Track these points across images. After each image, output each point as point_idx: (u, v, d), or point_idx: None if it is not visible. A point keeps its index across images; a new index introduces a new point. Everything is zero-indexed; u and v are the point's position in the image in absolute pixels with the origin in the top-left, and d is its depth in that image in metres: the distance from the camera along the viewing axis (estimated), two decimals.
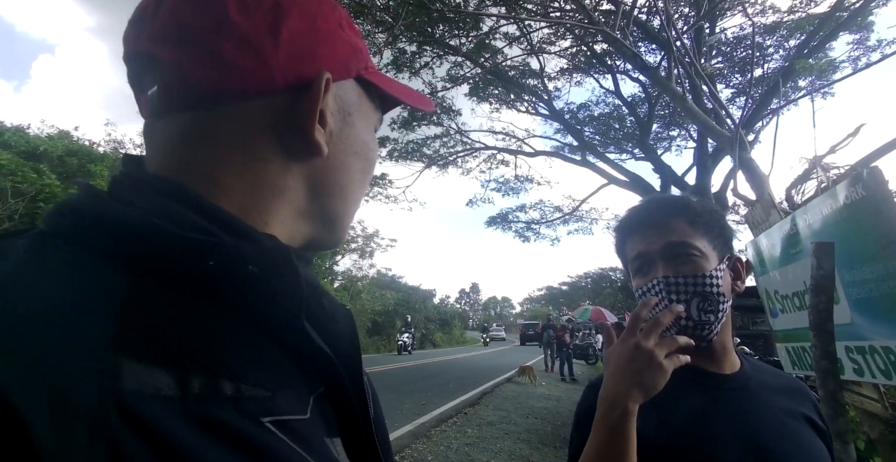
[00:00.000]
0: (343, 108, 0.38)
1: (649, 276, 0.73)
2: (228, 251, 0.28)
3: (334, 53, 0.36)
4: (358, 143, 0.40)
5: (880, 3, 6.65)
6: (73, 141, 13.95)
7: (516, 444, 5.09)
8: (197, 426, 0.23)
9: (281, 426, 0.27)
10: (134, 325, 0.24)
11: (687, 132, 10.81)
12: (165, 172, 0.33)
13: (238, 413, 0.25)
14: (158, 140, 0.34)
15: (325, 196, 0.38)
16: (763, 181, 3.02)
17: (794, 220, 2.15)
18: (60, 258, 0.26)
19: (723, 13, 8.02)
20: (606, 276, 36.45)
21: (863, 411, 2.14)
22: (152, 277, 0.27)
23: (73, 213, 0.29)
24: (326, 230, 0.40)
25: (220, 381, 0.25)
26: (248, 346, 0.29)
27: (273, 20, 0.33)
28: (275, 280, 0.29)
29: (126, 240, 0.27)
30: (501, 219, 13.72)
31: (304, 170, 0.36)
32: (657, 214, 0.76)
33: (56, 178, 10.94)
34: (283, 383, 0.29)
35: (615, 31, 4.30)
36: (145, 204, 0.29)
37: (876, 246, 1.58)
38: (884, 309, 1.63)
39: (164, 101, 0.33)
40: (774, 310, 2.49)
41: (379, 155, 0.69)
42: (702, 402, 0.68)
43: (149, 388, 0.23)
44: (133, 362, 0.23)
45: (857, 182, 1.62)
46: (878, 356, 1.73)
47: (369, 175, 0.42)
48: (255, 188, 0.34)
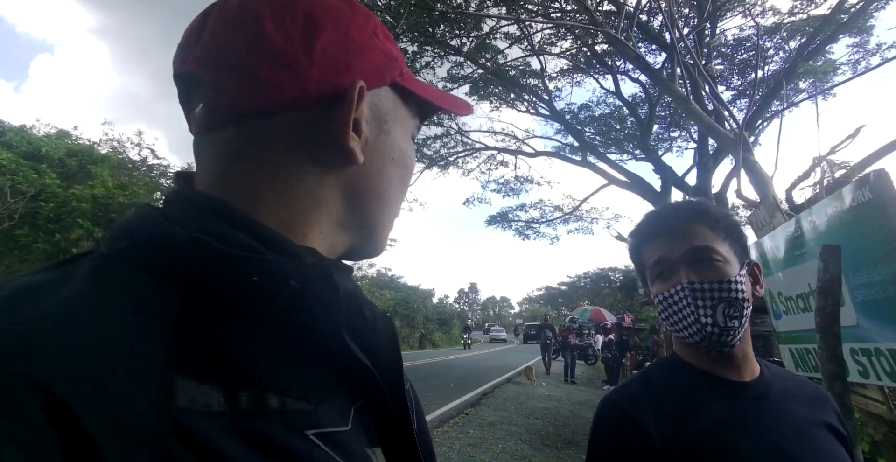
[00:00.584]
0: (378, 116, 0.38)
1: (671, 281, 0.72)
2: (270, 267, 0.29)
3: (369, 62, 0.37)
4: (395, 150, 0.39)
5: (879, 7, 6.67)
6: (75, 141, 13.91)
7: (518, 444, 5.10)
8: (245, 441, 0.24)
9: (324, 438, 0.28)
10: (185, 343, 0.25)
11: (688, 133, 10.83)
12: (211, 189, 0.34)
13: (283, 426, 0.26)
14: (204, 157, 0.36)
15: (362, 205, 0.38)
16: (767, 183, 3.02)
17: (798, 221, 2.15)
18: (119, 279, 0.28)
19: (723, 15, 8.03)
20: (605, 276, 36.49)
21: (867, 413, 2.15)
22: (201, 295, 0.28)
23: (128, 235, 0.30)
24: (366, 239, 0.40)
25: (266, 395, 0.26)
26: (291, 361, 0.30)
27: (307, 34, 0.34)
28: (315, 294, 0.30)
29: (176, 259, 0.28)
30: (501, 218, 13.74)
31: (341, 179, 0.36)
32: (678, 219, 0.74)
33: (56, 178, 10.92)
34: (325, 396, 0.30)
35: (617, 32, 4.30)
36: (193, 222, 0.30)
37: (882, 248, 1.58)
38: (890, 311, 1.64)
39: (206, 118, 0.35)
40: (778, 311, 2.49)
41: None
42: (723, 411, 0.67)
43: (200, 405, 0.24)
44: (185, 380, 0.24)
45: (864, 185, 1.62)
46: (883, 358, 1.73)
47: (407, 182, 0.42)
48: (294, 200, 0.35)
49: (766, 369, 0.75)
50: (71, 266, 0.28)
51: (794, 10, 8.00)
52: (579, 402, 8.15)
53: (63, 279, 0.26)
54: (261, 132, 0.34)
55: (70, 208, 10.12)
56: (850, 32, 7.52)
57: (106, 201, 10.22)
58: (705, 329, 0.68)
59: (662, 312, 0.74)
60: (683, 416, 0.67)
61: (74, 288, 0.26)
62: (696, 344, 0.71)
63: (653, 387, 0.73)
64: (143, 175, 14.75)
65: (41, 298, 0.24)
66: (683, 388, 0.71)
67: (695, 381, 0.72)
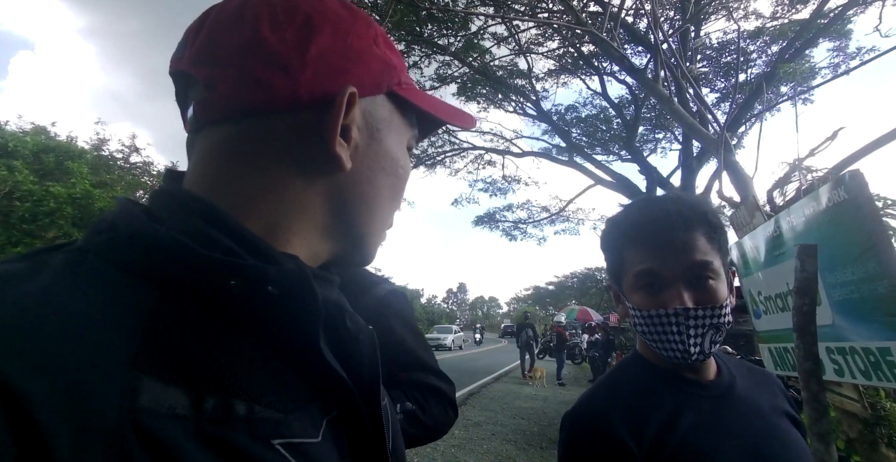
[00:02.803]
0: (371, 124, 0.37)
1: (660, 298, 0.66)
2: (249, 272, 0.29)
3: (365, 69, 0.36)
4: (386, 158, 0.38)
5: (857, 12, 6.83)
6: (50, 137, 13.50)
7: (503, 445, 5.09)
8: (207, 446, 0.24)
9: (291, 449, 0.27)
10: (155, 344, 0.25)
11: (672, 135, 10.96)
12: (197, 188, 0.34)
13: (249, 435, 0.26)
14: (195, 156, 0.35)
15: (349, 212, 0.37)
16: (748, 183, 3.06)
17: (777, 222, 2.17)
18: (93, 274, 0.27)
19: (707, 17, 8.14)
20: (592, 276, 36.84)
21: (842, 411, 2.17)
22: (177, 296, 0.28)
23: (108, 230, 0.30)
24: (354, 248, 0.39)
25: (233, 401, 0.26)
26: (263, 367, 0.29)
27: (303, 37, 0.34)
28: (293, 302, 0.30)
29: (155, 257, 0.28)
30: (489, 218, 13.76)
31: (327, 185, 0.35)
32: (677, 228, 0.65)
33: (30, 175, 10.57)
34: (296, 405, 0.29)
35: (602, 33, 4.32)
36: (174, 221, 0.30)
37: (857, 248, 1.60)
38: (864, 310, 1.65)
39: (198, 116, 0.34)
40: (758, 311, 2.52)
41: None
42: (697, 412, 0.66)
43: (164, 407, 0.23)
44: (151, 381, 0.23)
45: (840, 185, 1.64)
46: (858, 357, 1.75)
47: (399, 192, 0.40)
48: (279, 204, 0.34)
49: (722, 363, 0.74)
50: (44, 256, 0.28)
51: (775, 14, 8.15)
52: (565, 402, 8.18)
53: (35, 270, 0.26)
54: (250, 133, 0.34)
55: (47, 208, 9.79)
56: (830, 37, 7.69)
57: (86, 201, 9.88)
58: (691, 357, 0.65)
59: (643, 327, 0.68)
60: (660, 421, 0.64)
61: (45, 279, 0.25)
62: (671, 363, 0.68)
63: (622, 393, 0.70)
64: (125, 173, 14.41)
65: (9, 288, 0.24)
66: (655, 392, 0.68)
67: (664, 383, 0.70)
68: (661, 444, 0.62)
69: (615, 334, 11.82)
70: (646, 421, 0.64)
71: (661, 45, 3.95)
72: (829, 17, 6.21)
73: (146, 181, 14.41)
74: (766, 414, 0.68)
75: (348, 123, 0.35)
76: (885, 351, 1.60)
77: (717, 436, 0.63)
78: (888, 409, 2.07)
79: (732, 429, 0.64)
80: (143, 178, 14.61)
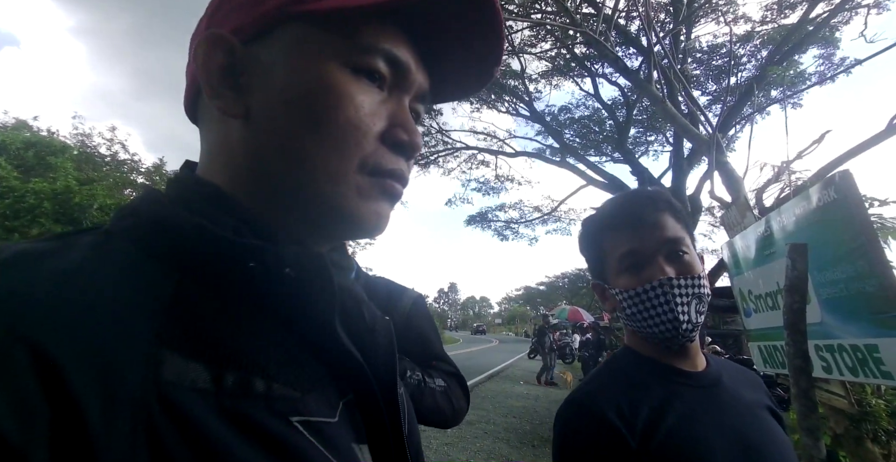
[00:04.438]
0: (261, 58, 0.32)
1: (644, 274, 0.70)
2: (267, 254, 0.29)
3: (227, 9, 0.35)
4: (289, 89, 0.31)
5: (844, 20, 6.96)
6: (33, 132, 13.22)
7: (495, 443, 5.11)
8: (228, 420, 0.24)
9: (308, 426, 0.28)
10: (177, 321, 0.26)
11: (663, 137, 11.08)
12: (203, 173, 0.35)
13: (268, 411, 0.26)
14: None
15: (273, 165, 0.32)
16: (739, 184, 3.10)
17: (768, 221, 2.20)
18: (120, 256, 0.28)
19: (698, 20, 8.24)
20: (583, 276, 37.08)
21: (829, 407, 2.21)
22: (198, 277, 0.29)
23: (132, 215, 0.31)
24: (322, 213, 0.33)
25: (252, 378, 0.27)
26: (281, 347, 0.30)
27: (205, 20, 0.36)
28: (310, 283, 0.30)
29: (176, 241, 0.29)
30: (481, 218, 13.76)
31: (242, 143, 0.33)
32: (648, 209, 0.72)
33: (13, 171, 10.33)
34: (313, 385, 0.30)
35: (595, 34, 4.35)
36: (188, 206, 0.31)
37: (846, 247, 1.63)
38: (853, 308, 1.69)
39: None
40: (748, 309, 2.56)
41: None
42: (687, 402, 0.68)
43: (186, 380, 0.24)
44: (174, 355, 0.24)
45: (830, 185, 1.67)
46: (846, 354, 1.78)
47: (324, 113, 0.31)
48: (242, 177, 0.33)
49: (710, 358, 0.77)
50: (73, 238, 0.28)
51: (765, 19, 8.28)
52: (557, 401, 8.22)
53: (64, 248, 0.26)
54: (200, 112, 0.36)
55: (29, 205, 9.57)
56: (818, 44, 7.83)
57: (65, 197, 9.65)
58: (681, 326, 0.67)
59: (631, 308, 0.71)
60: (651, 410, 0.66)
61: (74, 257, 0.26)
62: (662, 339, 0.70)
63: (615, 383, 0.71)
64: (112, 170, 14.15)
65: (40, 263, 0.24)
66: (646, 382, 0.70)
67: (655, 374, 0.72)
68: (652, 431, 0.64)
69: (606, 334, 11.91)
70: (637, 409, 0.66)
71: (653, 45, 3.99)
72: (817, 23, 6.32)
73: (134, 179, 14.17)
74: (751, 406, 0.71)
75: (225, 70, 0.32)
76: (872, 348, 1.64)
77: (705, 424, 0.65)
78: (873, 406, 2.11)
79: (720, 418, 0.67)
80: (130, 176, 14.38)
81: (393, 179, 0.34)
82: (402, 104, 0.35)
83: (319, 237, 0.35)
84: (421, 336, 1.11)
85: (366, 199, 0.33)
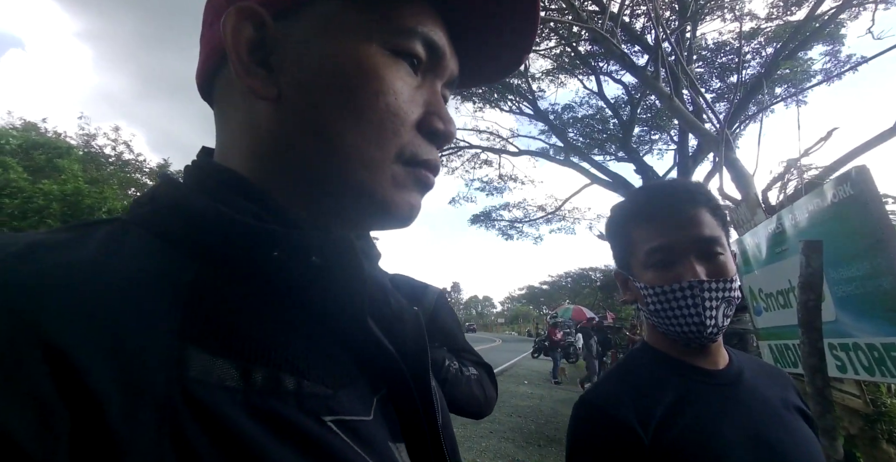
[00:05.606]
0: (287, 35, 0.31)
1: (673, 273, 0.66)
2: (292, 241, 0.27)
3: None
4: (324, 73, 0.30)
5: (851, 16, 6.89)
6: (41, 133, 13.33)
7: (501, 442, 5.09)
8: (258, 419, 0.23)
9: (343, 426, 0.26)
10: (199, 315, 0.24)
11: (668, 135, 11.02)
12: (221, 159, 0.33)
13: (300, 409, 0.25)
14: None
15: (305, 151, 0.30)
16: (748, 181, 3.07)
17: (779, 218, 2.17)
18: (136, 244, 0.26)
19: (704, 17, 8.19)
20: (586, 275, 36.99)
21: (843, 407, 2.18)
22: (218, 267, 0.27)
23: (151, 202, 0.29)
24: (354, 199, 0.31)
25: (281, 375, 0.25)
26: (309, 341, 0.28)
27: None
28: (338, 272, 0.28)
29: (195, 228, 0.27)
30: (485, 217, 13.75)
31: (270, 126, 0.31)
32: (685, 203, 0.67)
33: (23, 172, 10.42)
34: (345, 382, 0.28)
35: (602, 30, 4.33)
36: (212, 193, 0.29)
37: (862, 244, 1.60)
38: (868, 306, 1.66)
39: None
40: (758, 308, 2.52)
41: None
42: (704, 400, 0.66)
43: (213, 378, 0.23)
44: (198, 351, 0.23)
45: (845, 181, 1.64)
46: (861, 353, 1.75)
47: (364, 98, 0.30)
48: (268, 163, 0.31)
49: (733, 355, 0.74)
50: (88, 228, 0.27)
51: (771, 15, 8.21)
52: (561, 400, 8.20)
53: (79, 240, 0.25)
54: (219, 94, 0.34)
55: (37, 205, 9.64)
56: (824, 41, 7.76)
57: (75, 198, 9.72)
58: (707, 330, 0.65)
59: (655, 304, 0.68)
60: (666, 408, 0.64)
61: (90, 249, 0.24)
62: (684, 339, 0.68)
63: (631, 381, 0.70)
64: (117, 170, 14.24)
65: (55, 255, 0.23)
66: (663, 380, 0.68)
67: (673, 372, 0.70)
68: (666, 430, 0.62)
69: (613, 333, 11.85)
70: (653, 407, 0.64)
71: (661, 41, 3.96)
72: (823, 19, 6.27)
73: (139, 179, 14.25)
74: (774, 405, 0.69)
75: (254, 46, 0.30)
76: (889, 346, 1.61)
77: (721, 423, 0.63)
78: (889, 405, 2.08)
79: (737, 417, 0.65)
80: (135, 176, 14.46)
81: (428, 169, 0.33)
82: (436, 90, 0.34)
83: (347, 226, 0.33)
84: (446, 330, 1.15)
85: (400, 188, 0.31)
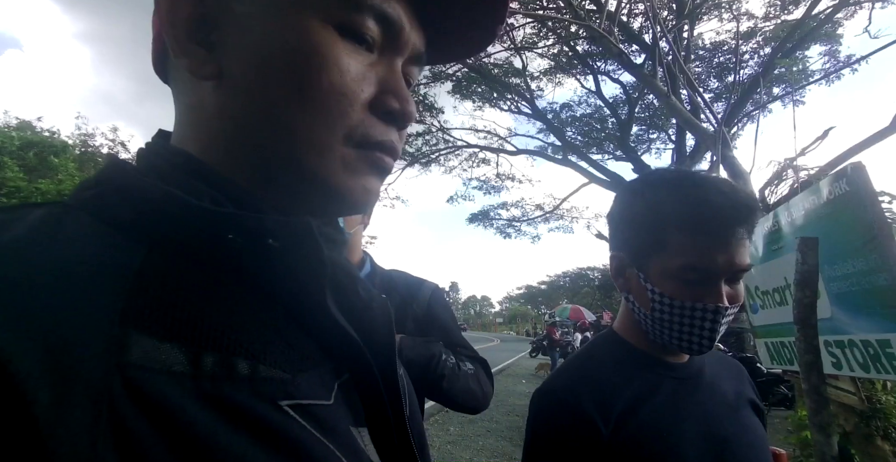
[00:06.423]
0: (226, 9, 0.29)
1: (698, 291, 0.63)
2: (247, 224, 0.26)
3: None
4: (266, 46, 0.28)
5: (847, 15, 6.92)
6: (35, 132, 13.27)
7: (498, 441, 5.09)
8: (208, 405, 0.22)
9: (301, 410, 0.25)
10: (145, 300, 0.23)
11: (665, 134, 11.06)
12: (175, 141, 0.32)
13: (253, 394, 0.24)
14: None
15: (257, 137, 0.29)
16: (745, 178, 3.08)
17: (775, 216, 2.18)
18: (77, 228, 0.25)
19: (701, 16, 8.21)
20: (584, 275, 37.09)
21: (839, 404, 2.19)
22: (169, 250, 0.26)
23: (96, 186, 0.28)
24: (310, 186, 0.30)
25: (234, 359, 0.24)
26: (266, 325, 0.27)
27: None
28: (295, 255, 0.27)
29: (144, 210, 0.26)
30: (483, 216, 13.76)
31: (218, 109, 0.29)
32: (739, 224, 0.62)
33: (19, 171, 10.38)
34: (304, 366, 0.27)
35: (600, 28, 4.32)
36: (163, 176, 0.28)
37: (858, 241, 1.61)
38: (864, 303, 1.66)
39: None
40: (755, 305, 2.53)
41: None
42: (664, 393, 0.67)
43: (157, 363, 0.21)
44: (142, 336, 0.22)
45: (841, 178, 1.64)
46: (856, 350, 1.76)
47: (307, 77, 0.28)
48: (214, 148, 0.30)
49: None
50: (22, 210, 0.25)
51: (768, 15, 8.23)
52: None
53: (9, 222, 0.24)
54: (172, 72, 0.32)
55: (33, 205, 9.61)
56: (821, 41, 7.79)
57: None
58: (704, 350, 0.65)
59: (664, 314, 0.65)
60: (627, 402, 0.64)
61: (19, 231, 0.23)
62: (678, 350, 0.68)
63: (594, 372, 0.69)
64: None
65: None
66: (626, 372, 0.68)
67: (637, 364, 0.70)
68: (625, 421, 0.62)
69: None
70: (614, 399, 0.64)
71: (658, 39, 3.96)
72: (820, 19, 6.29)
73: None
74: (731, 400, 0.70)
75: (195, 23, 0.29)
76: (884, 343, 1.61)
77: (678, 417, 0.64)
78: (884, 402, 2.09)
79: (695, 411, 0.65)
80: None
81: (382, 152, 0.31)
82: (393, 68, 0.31)
83: (305, 212, 0.32)
84: (442, 325, 1.14)
85: (352, 172, 0.30)
